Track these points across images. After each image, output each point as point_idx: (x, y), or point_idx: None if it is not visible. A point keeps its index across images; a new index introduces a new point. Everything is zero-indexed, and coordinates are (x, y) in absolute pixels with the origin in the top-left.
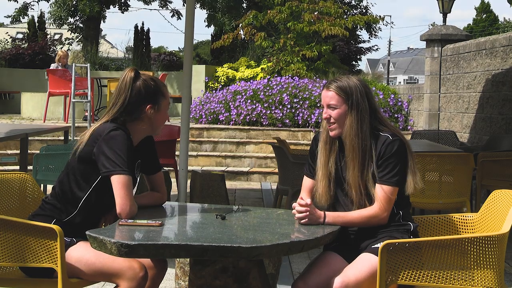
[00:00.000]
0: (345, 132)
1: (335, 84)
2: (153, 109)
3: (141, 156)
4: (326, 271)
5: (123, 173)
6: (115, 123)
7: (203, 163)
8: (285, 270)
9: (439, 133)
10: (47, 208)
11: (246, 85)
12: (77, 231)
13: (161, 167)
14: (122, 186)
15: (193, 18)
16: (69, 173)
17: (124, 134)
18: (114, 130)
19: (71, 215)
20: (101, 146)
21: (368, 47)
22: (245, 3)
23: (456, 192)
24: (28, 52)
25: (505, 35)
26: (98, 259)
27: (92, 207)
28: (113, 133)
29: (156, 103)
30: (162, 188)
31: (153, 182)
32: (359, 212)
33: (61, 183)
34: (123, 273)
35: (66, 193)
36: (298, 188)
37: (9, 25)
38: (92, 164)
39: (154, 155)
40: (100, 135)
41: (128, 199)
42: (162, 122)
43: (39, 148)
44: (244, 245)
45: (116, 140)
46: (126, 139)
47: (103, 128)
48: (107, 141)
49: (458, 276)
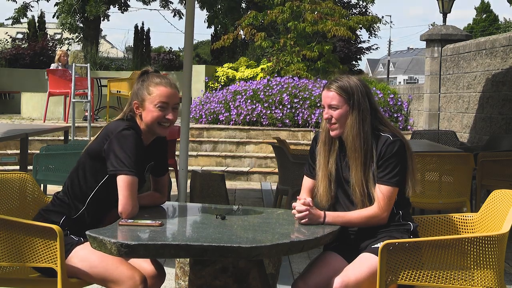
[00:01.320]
0: (346, 132)
1: (336, 84)
2: (140, 106)
3: (153, 157)
4: (326, 271)
5: (129, 174)
6: (128, 121)
7: (203, 163)
8: (285, 270)
9: (439, 133)
10: (57, 204)
11: (246, 85)
12: (84, 230)
13: (168, 169)
14: (127, 187)
15: (193, 18)
16: (79, 169)
17: (135, 134)
18: (126, 129)
19: (80, 212)
20: (111, 144)
21: (368, 47)
22: (244, 3)
23: (456, 192)
24: (28, 52)
25: (505, 35)
26: (101, 264)
27: (100, 204)
28: (125, 132)
29: (139, 99)
30: (164, 190)
31: (158, 183)
32: (359, 212)
33: (71, 178)
34: (123, 282)
35: (74, 189)
36: (298, 188)
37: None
38: (101, 161)
39: (164, 157)
40: (112, 132)
41: (131, 199)
42: (151, 119)
43: (39, 148)
44: (244, 245)
45: (127, 140)
46: (137, 139)
47: (115, 125)
48: (118, 140)
49: (458, 276)
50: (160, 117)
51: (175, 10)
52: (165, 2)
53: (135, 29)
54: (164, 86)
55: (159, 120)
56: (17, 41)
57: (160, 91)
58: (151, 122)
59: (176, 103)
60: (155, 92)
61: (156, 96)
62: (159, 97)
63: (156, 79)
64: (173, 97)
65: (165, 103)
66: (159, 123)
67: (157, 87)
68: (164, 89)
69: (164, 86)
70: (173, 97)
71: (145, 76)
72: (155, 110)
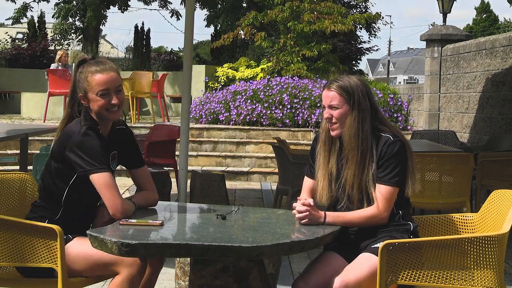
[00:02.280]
0: (344, 131)
1: (336, 84)
2: (85, 98)
3: (117, 147)
4: (327, 271)
5: (101, 171)
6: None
7: (203, 163)
8: (285, 270)
9: (439, 133)
10: (38, 210)
11: (246, 85)
12: (71, 228)
13: (145, 163)
14: (105, 186)
15: (193, 18)
16: (46, 173)
17: (93, 133)
18: (83, 130)
19: (59, 214)
20: (73, 148)
21: (368, 48)
22: (244, 3)
23: (456, 192)
24: (29, 53)
25: (505, 35)
26: (95, 250)
27: (75, 205)
28: (83, 133)
29: (82, 91)
30: (149, 185)
31: (138, 179)
32: (359, 212)
33: (43, 182)
34: (122, 260)
35: (47, 192)
36: (298, 188)
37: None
38: (65, 163)
39: (133, 148)
40: (70, 135)
41: (116, 197)
42: (97, 108)
43: (39, 148)
44: (244, 245)
45: (86, 140)
46: (96, 137)
47: (71, 129)
48: (78, 143)
49: (458, 276)
50: (105, 104)
51: (173, 10)
52: (164, 2)
53: (135, 29)
54: (100, 73)
55: (105, 107)
56: (17, 41)
57: (97, 79)
58: (98, 110)
59: (117, 86)
60: (93, 82)
61: (96, 85)
62: (98, 85)
63: (92, 67)
64: (113, 82)
65: (105, 89)
66: (106, 109)
67: (94, 76)
68: (101, 76)
69: (101, 73)
70: (113, 82)
71: (82, 66)
72: (98, 99)
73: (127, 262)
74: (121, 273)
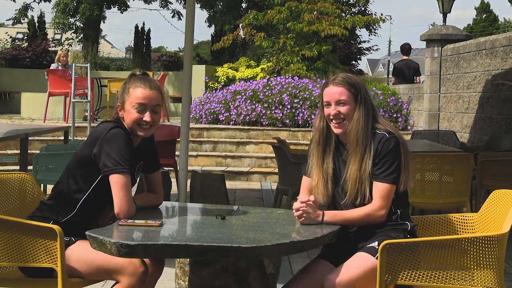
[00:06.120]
0: (351, 126)
1: (342, 79)
2: (122, 108)
3: (143, 157)
4: (316, 275)
5: (123, 172)
6: (114, 122)
7: (203, 163)
8: (285, 270)
9: (439, 133)
10: (44, 210)
11: (246, 85)
12: (75, 231)
13: (160, 166)
14: (121, 187)
15: (193, 18)
16: (68, 175)
17: (123, 132)
18: (114, 128)
19: (69, 216)
20: (101, 146)
21: (368, 47)
22: (244, 3)
23: (456, 192)
24: (30, 53)
25: (505, 35)
26: (98, 256)
27: (90, 207)
28: (113, 131)
29: (121, 101)
30: (159, 189)
31: (150, 182)
32: (357, 210)
33: (60, 184)
34: (124, 268)
35: (64, 195)
36: (298, 188)
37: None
38: (92, 165)
39: (154, 154)
40: (100, 134)
41: (127, 199)
42: (129, 121)
43: (39, 148)
44: (244, 245)
45: (116, 139)
46: (126, 137)
47: (102, 128)
48: (108, 140)
49: (458, 276)
50: (138, 119)
51: (174, 10)
52: (165, 2)
53: (135, 29)
54: (142, 88)
55: (137, 121)
56: (17, 41)
57: (137, 92)
58: (130, 123)
59: (155, 105)
60: (133, 94)
61: (134, 98)
62: (136, 98)
63: (137, 82)
64: (151, 99)
65: (142, 104)
66: (138, 124)
67: (135, 89)
68: (142, 90)
69: (143, 88)
70: (151, 99)
71: (130, 79)
72: (133, 112)
73: (129, 271)
74: (122, 282)
